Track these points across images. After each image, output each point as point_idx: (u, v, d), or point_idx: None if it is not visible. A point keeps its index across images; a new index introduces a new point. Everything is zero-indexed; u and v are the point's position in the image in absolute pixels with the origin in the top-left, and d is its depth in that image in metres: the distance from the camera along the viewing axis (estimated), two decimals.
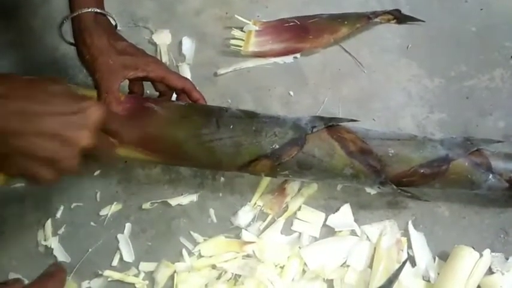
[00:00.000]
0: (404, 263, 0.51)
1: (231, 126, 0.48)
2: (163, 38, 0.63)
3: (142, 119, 0.48)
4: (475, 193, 0.51)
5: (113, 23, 0.52)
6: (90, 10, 0.49)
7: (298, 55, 0.63)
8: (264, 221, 0.55)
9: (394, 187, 0.49)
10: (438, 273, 0.52)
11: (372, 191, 0.56)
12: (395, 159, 0.48)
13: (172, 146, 0.48)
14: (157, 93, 0.54)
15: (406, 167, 0.48)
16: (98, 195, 0.58)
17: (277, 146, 0.47)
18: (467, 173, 0.49)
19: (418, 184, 0.49)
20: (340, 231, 0.54)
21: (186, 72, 0.62)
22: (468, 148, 0.49)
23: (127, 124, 0.48)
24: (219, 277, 0.53)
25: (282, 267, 0.53)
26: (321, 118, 0.49)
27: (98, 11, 0.49)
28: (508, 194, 0.51)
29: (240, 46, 0.62)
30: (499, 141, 0.52)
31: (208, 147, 0.47)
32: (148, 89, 0.54)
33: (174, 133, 0.48)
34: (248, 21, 0.63)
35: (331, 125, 0.49)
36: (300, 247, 0.53)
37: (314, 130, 0.48)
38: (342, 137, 0.48)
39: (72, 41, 0.50)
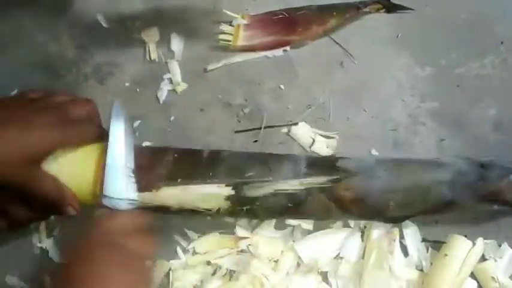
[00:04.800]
0: None
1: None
2: (151, 36, 0.62)
3: None
4: None
5: None
6: None
7: (287, 48, 0.62)
8: None
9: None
10: (431, 263, 0.52)
11: None
12: (395, 209, 0.48)
13: None
14: None
15: (407, 213, 0.49)
16: None
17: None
18: (471, 209, 0.50)
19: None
20: (333, 223, 0.55)
21: (175, 69, 0.62)
22: (477, 189, 0.48)
23: None
24: (214, 273, 0.53)
25: (276, 262, 0.53)
26: (321, 166, 0.48)
27: None
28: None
29: (229, 41, 0.62)
30: None
31: None
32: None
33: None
34: (236, 15, 0.63)
35: (329, 186, 0.46)
36: (293, 241, 0.54)
37: (309, 197, 0.46)
38: (339, 198, 0.47)
39: None
